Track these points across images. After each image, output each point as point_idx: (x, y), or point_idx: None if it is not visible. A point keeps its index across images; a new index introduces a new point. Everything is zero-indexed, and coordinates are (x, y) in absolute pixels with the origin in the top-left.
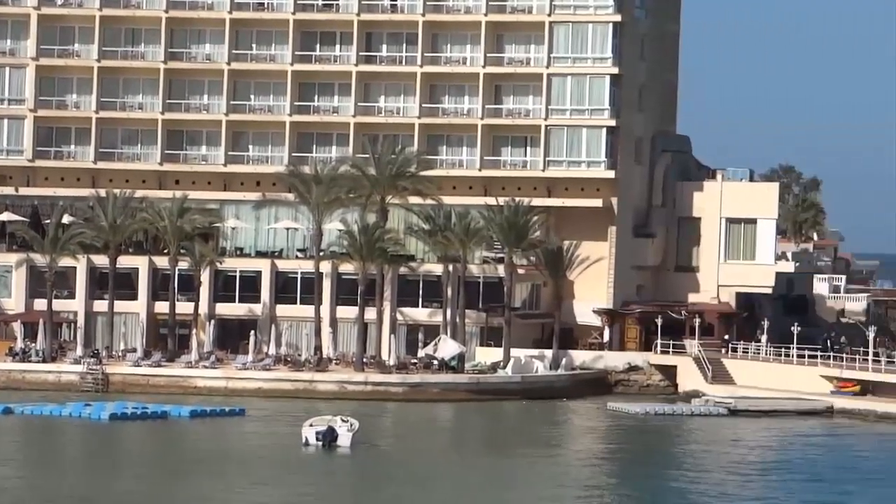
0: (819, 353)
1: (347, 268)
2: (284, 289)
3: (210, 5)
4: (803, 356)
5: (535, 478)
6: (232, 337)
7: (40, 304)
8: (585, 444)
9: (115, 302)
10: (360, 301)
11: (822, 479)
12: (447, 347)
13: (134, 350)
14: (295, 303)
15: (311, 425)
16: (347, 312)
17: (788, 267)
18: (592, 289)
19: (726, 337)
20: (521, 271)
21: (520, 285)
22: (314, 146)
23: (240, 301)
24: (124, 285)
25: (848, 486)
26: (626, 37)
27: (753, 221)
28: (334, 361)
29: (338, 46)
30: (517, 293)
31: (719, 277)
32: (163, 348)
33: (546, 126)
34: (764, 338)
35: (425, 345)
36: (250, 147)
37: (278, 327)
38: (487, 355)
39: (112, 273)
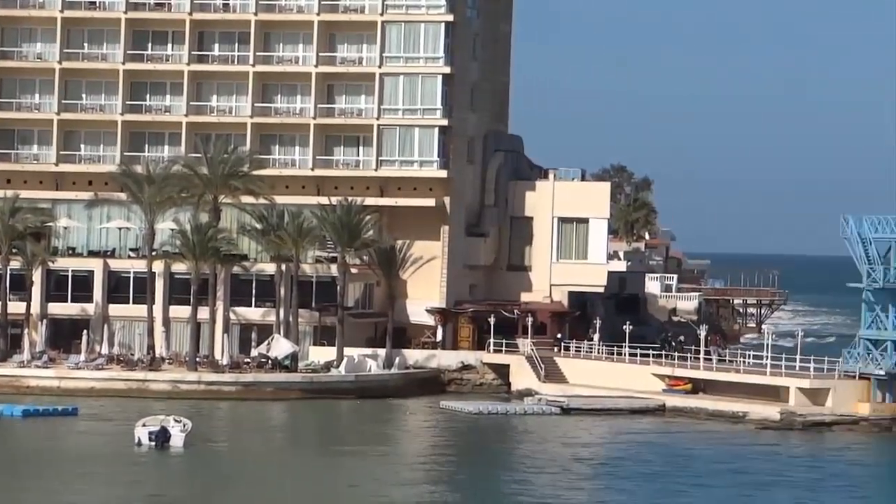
0: (651, 352)
1: (180, 267)
2: (117, 288)
3: (41, 4)
4: (635, 355)
5: (368, 476)
6: (64, 336)
7: None
8: (418, 442)
9: None
10: (192, 300)
11: (654, 477)
12: (280, 347)
13: None
14: (128, 302)
15: (143, 425)
16: (180, 312)
17: (620, 266)
18: (425, 288)
19: (559, 336)
20: (354, 270)
21: (353, 284)
22: (146, 145)
23: (72, 301)
24: None
25: (679, 485)
26: (458, 36)
27: (585, 221)
28: (167, 361)
29: (170, 45)
30: (350, 292)
31: (552, 276)
32: None
33: (378, 125)
34: (596, 336)
35: (258, 344)
36: (82, 146)
37: (111, 327)
38: (321, 354)
39: None
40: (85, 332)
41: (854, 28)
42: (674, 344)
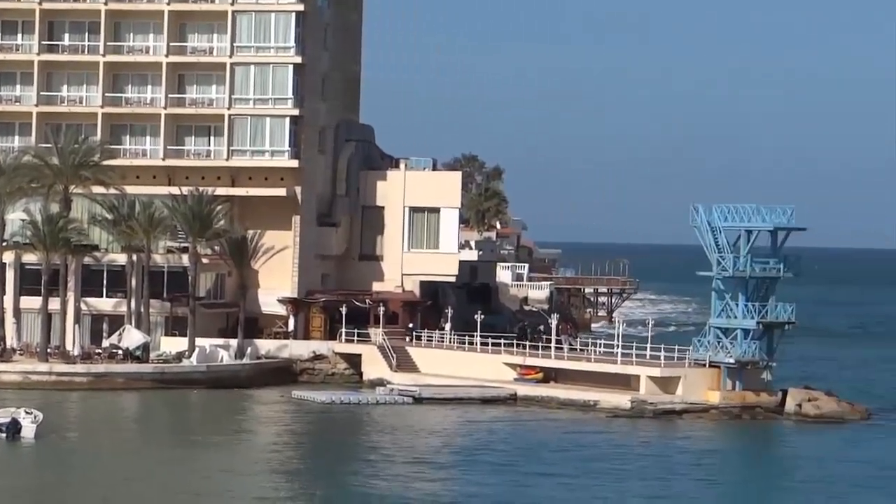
0: (502, 341)
1: (31, 258)
2: None
3: None
4: (487, 344)
5: (219, 467)
6: None
7: None
8: (270, 432)
9: None
10: (43, 291)
11: (504, 467)
12: (132, 337)
13: None
14: None
15: None
16: (31, 303)
17: (472, 255)
18: (277, 278)
19: (410, 325)
20: (205, 261)
21: (204, 275)
22: None
23: None
24: None
25: (529, 475)
26: (308, 26)
27: (437, 210)
28: (18, 352)
29: (20, 35)
30: (202, 283)
31: (403, 266)
32: None
33: (230, 115)
34: (448, 326)
35: (110, 335)
36: None
37: None
38: (172, 345)
39: None
40: None
41: (707, 26)
42: (530, 332)
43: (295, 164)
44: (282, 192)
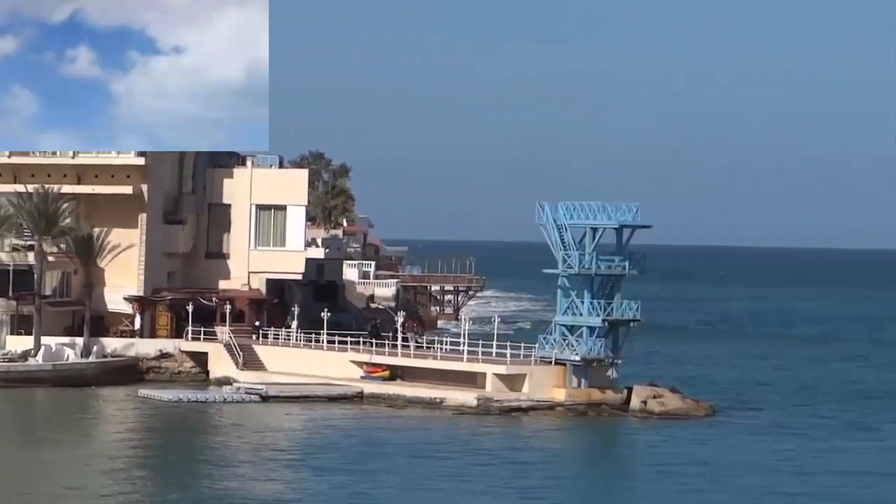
0: (349, 339)
1: None
2: None
3: None
4: (333, 342)
5: (62, 466)
6: None
7: None
8: (116, 431)
9: None
10: None
11: (350, 464)
12: None
13: None
14: None
15: None
16: None
17: (318, 253)
18: (124, 276)
19: (257, 323)
20: (51, 259)
21: (50, 273)
22: None
23: None
24: None
25: (375, 473)
26: None
27: (283, 208)
28: None
29: None
30: (48, 281)
31: (250, 264)
32: None
33: None
34: (294, 324)
35: None
36: None
37: None
38: (18, 343)
39: None
40: None
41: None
42: (384, 332)
43: (141, 161)
44: (128, 189)
